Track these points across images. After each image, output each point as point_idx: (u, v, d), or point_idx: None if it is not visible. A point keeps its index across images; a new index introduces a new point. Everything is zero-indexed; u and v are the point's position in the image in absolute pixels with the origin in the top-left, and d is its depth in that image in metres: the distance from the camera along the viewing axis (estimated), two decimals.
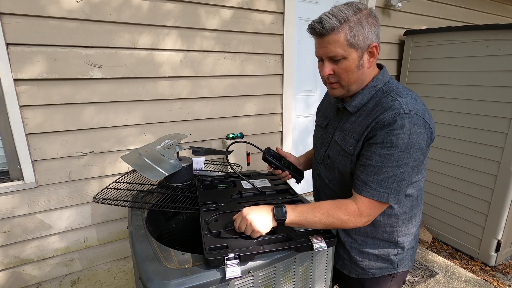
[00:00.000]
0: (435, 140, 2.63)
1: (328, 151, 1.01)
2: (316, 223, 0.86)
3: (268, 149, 1.09)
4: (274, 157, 1.09)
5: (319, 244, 0.88)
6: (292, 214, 0.86)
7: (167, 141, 1.41)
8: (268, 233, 0.92)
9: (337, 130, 0.99)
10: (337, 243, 1.05)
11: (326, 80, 0.91)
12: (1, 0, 1.42)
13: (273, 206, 0.88)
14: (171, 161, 1.26)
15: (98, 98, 1.72)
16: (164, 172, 1.20)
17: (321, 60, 0.89)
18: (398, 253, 1.00)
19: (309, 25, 0.85)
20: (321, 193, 1.09)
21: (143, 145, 1.52)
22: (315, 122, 1.18)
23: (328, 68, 0.87)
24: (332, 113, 1.06)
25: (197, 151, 1.51)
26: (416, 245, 1.05)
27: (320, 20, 0.82)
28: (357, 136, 0.89)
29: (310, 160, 1.25)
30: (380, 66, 0.96)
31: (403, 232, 0.98)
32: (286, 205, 0.87)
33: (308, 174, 1.19)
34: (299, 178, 1.15)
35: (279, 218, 0.85)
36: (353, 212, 0.85)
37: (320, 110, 1.19)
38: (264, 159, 1.08)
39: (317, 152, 1.09)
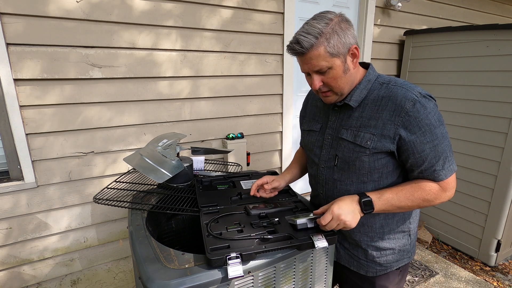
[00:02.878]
0: None
1: (334, 152, 1.00)
2: (402, 207, 0.92)
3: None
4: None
5: (320, 242, 0.88)
6: (378, 203, 0.91)
7: (164, 140, 1.41)
8: (269, 232, 0.92)
9: (341, 129, 0.99)
10: (351, 244, 1.05)
11: (318, 91, 0.95)
12: (1, 0, 1.42)
13: (358, 197, 0.91)
14: (173, 162, 1.26)
15: (98, 98, 1.72)
16: (168, 174, 1.20)
17: (308, 75, 0.94)
18: (411, 241, 1.06)
19: (287, 46, 0.89)
20: (329, 197, 1.05)
21: (143, 146, 1.52)
22: (303, 128, 1.17)
23: (317, 80, 0.91)
24: (323, 116, 1.07)
25: (197, 151, 1.51)
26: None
27: (297, 41, 0.86)
28: (374, 130, 0.91)
29: (296, 176, 1.25)
30: (367, 64, 1.01)
31: (413, 217, 1.04)
32: (369, 195, 0.91)
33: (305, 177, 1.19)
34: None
35: (368, 211, 0.90)
36: (438, 191, 0.91)
37: (304, 116, 1.19)
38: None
39: (317, 156, 1.07)
